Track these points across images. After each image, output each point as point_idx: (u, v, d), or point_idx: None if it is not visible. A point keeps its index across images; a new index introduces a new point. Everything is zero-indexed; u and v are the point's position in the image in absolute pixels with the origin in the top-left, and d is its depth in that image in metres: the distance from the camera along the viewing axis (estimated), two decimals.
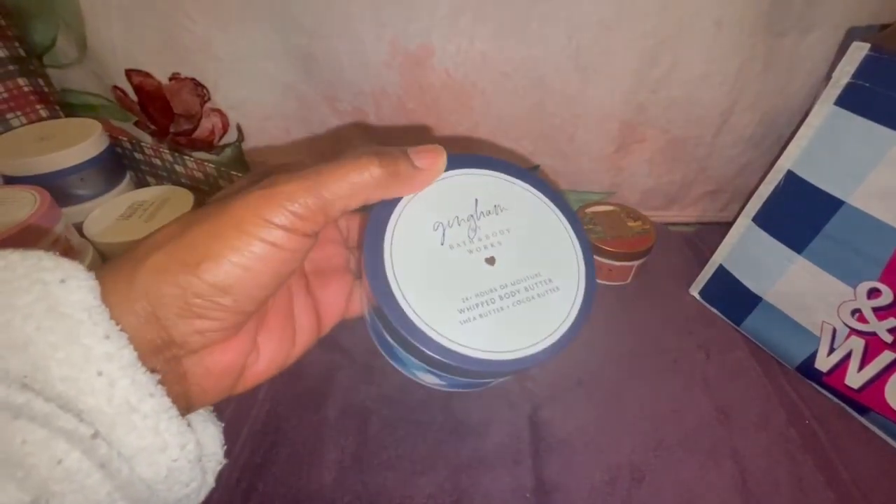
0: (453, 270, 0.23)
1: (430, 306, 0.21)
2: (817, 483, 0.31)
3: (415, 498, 0.30)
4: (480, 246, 0.23)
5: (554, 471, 0.31)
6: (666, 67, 0.39)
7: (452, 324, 0.21)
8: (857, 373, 0.33)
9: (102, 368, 0.14)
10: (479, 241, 0.23)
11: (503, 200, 0.25)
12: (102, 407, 0.14)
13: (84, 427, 0.14)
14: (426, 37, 0.39)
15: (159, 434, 0.15)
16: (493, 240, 0.24)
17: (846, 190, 0.31)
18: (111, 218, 0.38)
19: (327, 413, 0.34)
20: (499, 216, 0.24)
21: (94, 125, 0.42)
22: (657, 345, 0.40)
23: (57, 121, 0.46)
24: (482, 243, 0.24)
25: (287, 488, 0.30)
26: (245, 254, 0.17)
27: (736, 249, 0.40)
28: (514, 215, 0.25)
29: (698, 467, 0.32)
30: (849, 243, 0.32)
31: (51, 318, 0.14)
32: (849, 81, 0.31)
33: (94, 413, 0.14)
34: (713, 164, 0.47)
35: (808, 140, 0.33)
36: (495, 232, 0.24)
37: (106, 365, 0.14)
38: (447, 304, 0.22)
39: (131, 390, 0.14)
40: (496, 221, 0.24)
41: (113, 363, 0.14)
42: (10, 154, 0.38)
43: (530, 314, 0.23)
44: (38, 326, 0.14)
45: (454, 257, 0.23)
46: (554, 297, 0.23)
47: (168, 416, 0.15)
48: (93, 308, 0.14)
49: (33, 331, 0.13)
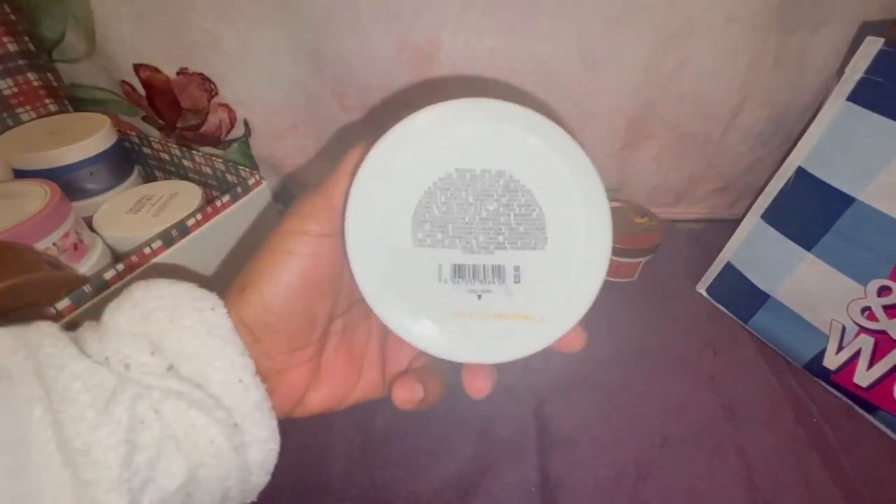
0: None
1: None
2: (824, 481, 0.31)
3: (421, 492, 0.30)
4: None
5: (559, 466, 0.31)
6: (675, 63, 0.39)
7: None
8: (865, 371, 0.33)
9: (242, 377, 0.18)
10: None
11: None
12: (240, 406, 0.18)
13: (229, 419, 0.18)
14: (434, 32, 0.39)
15: (270, 429, 0.19)
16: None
17: (858, 186, 0.31)
18: (120, 212, 0.38)
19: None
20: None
21: (103, 120, 0.42)
22: (663, 342, 0.40)
23: (66, 115, 0.46)
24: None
25: (294, 481, 0.30)
26: (274, 271, 0.20)
27: (744, 247, 0.39)
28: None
29: (704, 464, 0.31)
30: (860, 241, 0.32)
31: (209, 338, 0.18)
32: (862, 77, 0.31)
33: (235, 410, 0.18)
34: (722, 161, 0.47)
35: (820, 136, 0.33)
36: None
37: (244, 374, 0.18)
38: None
39: (258, 395, 0.19)
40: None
41: (247, 373, 0.19)
42: (20, 148, 0.39)
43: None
44: (203, 343, 0.18)
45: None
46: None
47: (273, 416, 0.19)
48: (231, 331, 0.19)
49: (200, 346, 0.18)
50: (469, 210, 0.20)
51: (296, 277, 0.20)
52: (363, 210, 0.20)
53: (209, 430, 0.17)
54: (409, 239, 0.20)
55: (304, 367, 0.22)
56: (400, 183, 0.20)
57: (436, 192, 0.20)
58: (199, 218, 0.34)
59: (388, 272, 0.20)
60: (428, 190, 0.20)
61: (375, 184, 0.20)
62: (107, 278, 0.28)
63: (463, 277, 0.20)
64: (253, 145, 0.48)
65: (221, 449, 0.18)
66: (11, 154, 0.38)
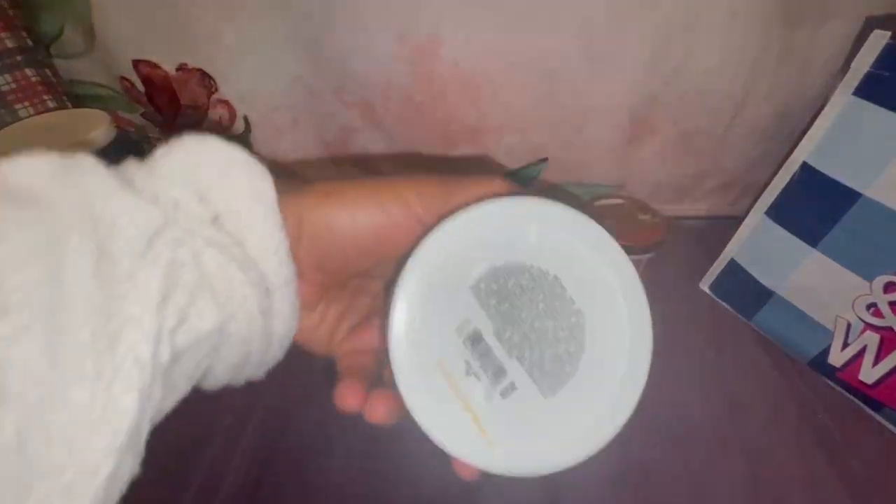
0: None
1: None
2: (829, 479, 0.30)
3: (422, 492, 0.30)
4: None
5: None
6: (679, 58, 0.39)
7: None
8: (871, 368, 0.33)
9: (277, 251, 0.19)
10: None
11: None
12: (272, 277, 0.19)
13: (262, 282, 0.18)
14: (434, 28, 0.38)
15: (295, 307, 0.20)
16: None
17: (864, 181, 0.31)
18: None
19: (334, 407, 0.34)
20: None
21: (103, 116, 0.42)
22: (667, 339, 0.39)
23: (65, 111, 0.45)
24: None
25: (295, 482, 0.30)
26: (360, 210, 0.20)
27: (748, 243, 0.39)
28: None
29: (708, 462, 0.31)
30: (865, 236, 0.31)
31: (254, 203, 0.18)
32: (868, 71, 0.30)
33: (267, 277, 0.19)
34: (726, 157, 0.46)
35: (825, 131, 0.33)
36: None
37: (280, 249, 0.19)
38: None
39: (289, 271, 0.19)
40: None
41: (283, 249, 0.19)
42: (18, 144, 0.38)
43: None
44: (249, 207, 0.18)
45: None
46: None
47: (297, 295, 0.20)
48: (275, 204, 0.19)
49: (245, 208, 0.18)
50: (529, 308, 0.20)
51: (370, 232, 0.20)
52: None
53: (244, 287, 0.17)
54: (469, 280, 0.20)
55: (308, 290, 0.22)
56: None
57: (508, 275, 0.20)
58: None
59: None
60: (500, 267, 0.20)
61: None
62: None
63: (475, 346, 0.20)
64: (253, 142, 0.48)
65: (252, 308, 0.18)
66: (10, 150, 0.38)
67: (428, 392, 0.19)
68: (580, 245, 0.20)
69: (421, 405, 0.19)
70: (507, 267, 0.20)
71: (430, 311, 0.20)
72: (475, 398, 0.20)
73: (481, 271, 0.20)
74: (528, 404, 0.20)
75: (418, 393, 0.19)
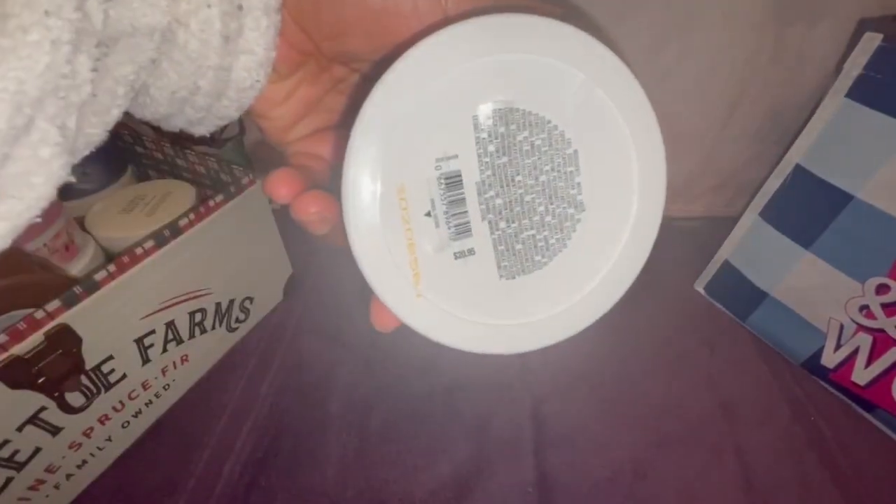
0: None
1: None
2: (822, 480, 0.30)
3: (416, 493, 0.30)
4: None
5: (556, 466, 0.31)
6: (672, 58, 0.39)
7: None
8: (863, 369, 0.33)
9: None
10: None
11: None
12: (260, 22, 0.15)
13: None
14: None
15: (267, 49, 0.16)
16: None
17: (856, 184, 0.31)
18: (113, 212, 0.37)
19: (329, 408, 0.34)
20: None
21: None
22: (661, 340, 0.40)
23: None
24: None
25: (289, 483, 0.30)
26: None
27: (742, 245, 0.39)
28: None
29: (701, 463, 0.31)
30: (858, 238, 0.31)
31: None
32: (860, 73, 0.30)
33: (253, 9, 0.15)
34: (719, 158, 0.46)
35: (818, 133, 0.33)
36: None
37: None
38: None
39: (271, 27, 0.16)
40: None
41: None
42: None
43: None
44: None
45: None
46: None
47: (276, 34, 0.16)
48: None
49: None
50: (529, 174, 0.17)
51: (363, 10, 0.16)
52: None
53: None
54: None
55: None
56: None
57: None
58: (193, 217, 0.33)
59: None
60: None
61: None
62: (97, 280, 0.28)
63: (449, 187, 0.16)
64: (247, 144, 0.48)
65: (212, 21, 0.15)
66: None
67: (374, 213, 0.16)
68: (626, 132, 0.16)
69: (361, 224, 0.16)
70: (526, 115, 0.16)
71: (411, 123, 0.15)
72: (423, 244, 0.16)
73: (494, 104, 0.16)
74: (477, 277, 0.17)
75: (363, 210, 0.15)
